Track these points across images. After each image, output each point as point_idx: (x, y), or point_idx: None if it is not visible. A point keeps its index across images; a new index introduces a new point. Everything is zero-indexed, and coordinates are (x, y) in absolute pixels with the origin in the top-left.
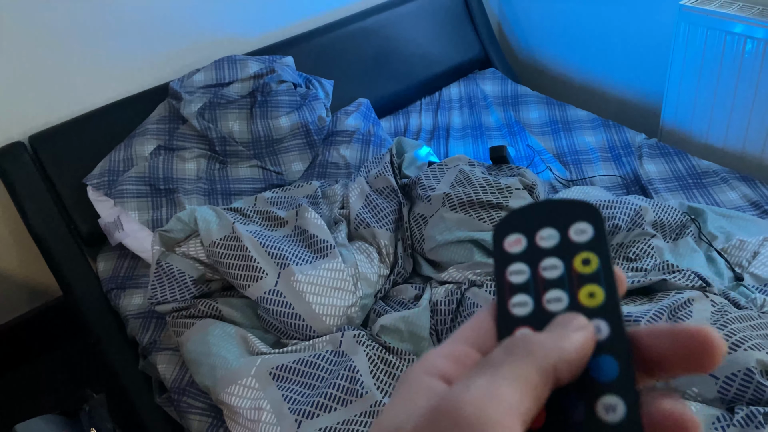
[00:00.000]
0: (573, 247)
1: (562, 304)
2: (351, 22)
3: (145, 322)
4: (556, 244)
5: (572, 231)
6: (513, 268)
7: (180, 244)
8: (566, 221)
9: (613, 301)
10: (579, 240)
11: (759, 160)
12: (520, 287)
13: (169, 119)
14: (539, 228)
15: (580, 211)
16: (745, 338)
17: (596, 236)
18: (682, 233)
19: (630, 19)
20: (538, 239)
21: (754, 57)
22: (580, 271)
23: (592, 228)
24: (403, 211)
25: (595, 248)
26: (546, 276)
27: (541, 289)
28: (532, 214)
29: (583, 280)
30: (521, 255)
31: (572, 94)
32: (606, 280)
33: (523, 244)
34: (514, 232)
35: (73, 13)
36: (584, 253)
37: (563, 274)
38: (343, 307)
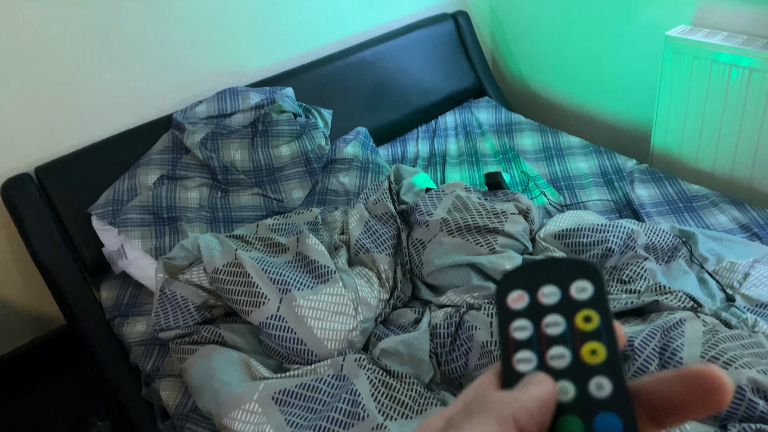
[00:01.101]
0: (574, 305)
1: (565, 361)
2: (349, 54)
3: (148, 350)
4: (557, 302)
5: (573, 289)
6: (516, 324)
7: (183, 271)
8: (567, 279)
9: (615, 358)
10: (580, 297)
11: (747, 183)
12: (524, 343)
13: (173, 149)
14: (541, 285)
15: (580, 270)
16: (736, 357)
17: (596, 294)
18: (674, 256)
19: (618, 48)
20: (540, 296)
21: (739, 84)
22: (582, 328)
23: (592, 286)
24: (401, 236)
25: (595, 306)
26: (549, 333)
27: (544, 345)
28: (533, 271)
29: (585, 337)
30: (524, 311)
31: (564, 121)
32: (607, 337)
33: (525, 300)
34: (517, 289)
35: (77, 45)
36: (585, 311)
37: (565, 331)
38: (344, 331)
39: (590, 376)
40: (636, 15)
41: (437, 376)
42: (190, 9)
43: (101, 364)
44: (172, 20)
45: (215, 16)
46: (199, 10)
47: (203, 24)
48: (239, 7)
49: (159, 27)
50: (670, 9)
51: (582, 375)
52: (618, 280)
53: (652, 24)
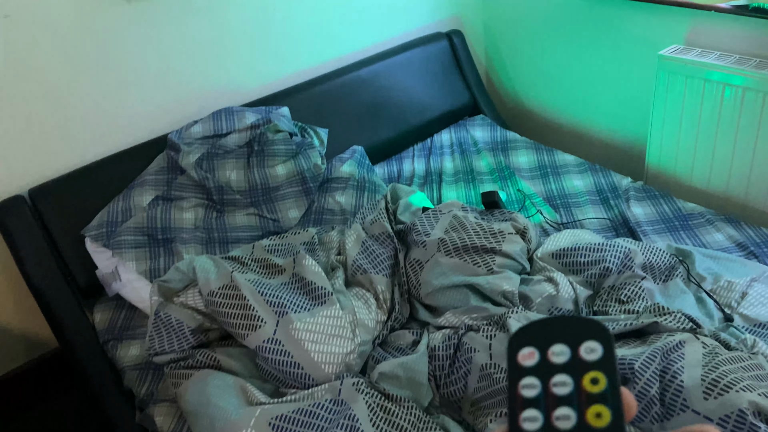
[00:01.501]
0: (583, 366)
1: (570, 423)
2: (345, 73)
3: (142, 374)
4: (567, 361)
5: (583, 349)
6: (525, 381)
7: (178, 294)
8: (577, 339)
9: (619, 423)
10: (589, 359)
11: (742, 201)
12: (531, 402)
13: (168, 170)
14: (552, 343)
15: (590, 330)
16: (737, 380)
17: (605, 356)
18: (671, 275)
19: (612, 67)
20: (551, 355)
21: (732, 103)
22: (589, 390)
23: (602, 347)
24: (399, 256)
25: (603, 368)
26: (556, 393)
27: (551, 405)
28: (545, 328)
29: (592, 399)
30: (534, 369)
31: (558, 138)
32: (613, 401)
33: (536, 358)
34: (528, 346)
35: (73, 67)
36: (593, 373)
37: (572, 392)
38: (342, 354)
39: None
40: (629, 34)
41: (436, 400)
42: (185, 28)
43: (94, 389)
44: (166, 40)
45: (210, 35)
46: (195, 30)
47: (198, 43)
48: (234, 27)
49: (154, 46)
50: (663, 28)
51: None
52: (616, 300)
53: (645, 43)
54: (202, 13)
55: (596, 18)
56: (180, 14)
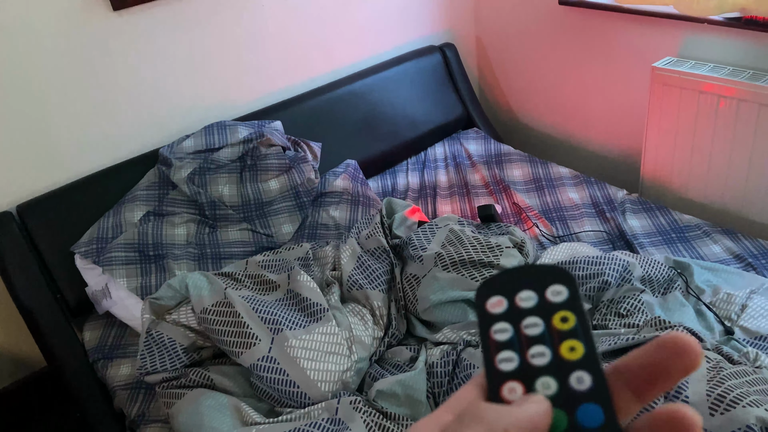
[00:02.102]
0: (551, 307)
1: (545, 359)
2: (338, 87)
3: (134, 394)
4: (535, 305)
5: (549, 293)
6: (497, 327)
7: (170, 311)
8: (542, 284)
9: (593, 354)
10: (556, 300)
11: (738, 212)
12: (505, 344)
13: (159, 185)
14: (518, 290)
15: (554, 275)
16: (743, 395)
17: (571, 297)
18: (669, 287)
19: (606, 79)
20: (518, 300)
21: (727, 114)
22: (560, 328)
23: (567, 289)
24: (395, 271)
25: (571, 307)
26: (528, 333)
27: (524, 345)
28: (510, 278)
29: (563, 335)
30: (503, 315)
31: (552, 151)
32: (584, 335)
33: (504, 305)
34: (495, 295)
35: (61, 81)
36: (562, 312)
37: (544, 331)
38: (338, 372)
39: (570, 371)
40: (622, 46)
41: None
42: (176, 41)
43: (84, 409)
44: (158, 53)
45: (202, 48)
46: (186, 43)
47: (190, 57)
48: (227, 40)
49: (144, 60)
50: (657, 41)
51: (562, 371)
52: (615, 313)
53: (639, 55)
54: (193, 26)
55: (590, 31)
56: (172, 27)
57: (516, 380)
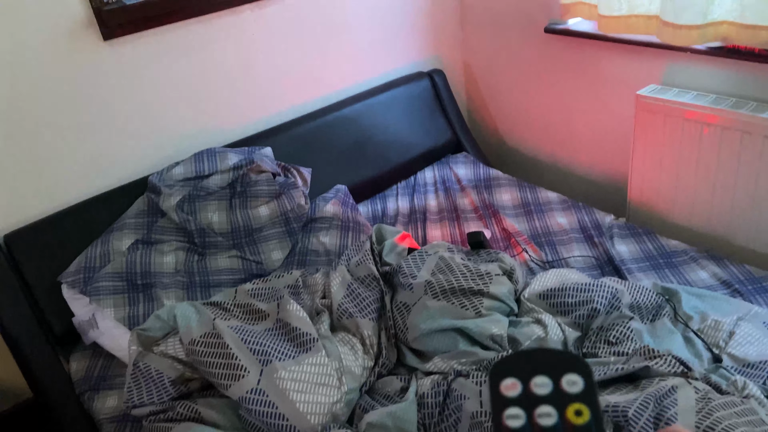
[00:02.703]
0: (566, 398)
1: None
2: (327, 113)
3: (120, 427)
4: (549, 393)
5: (564, 382)
6: (510, 412)
7: (158, 342)
8: (558, 371)
9: None
10: (571, 391)
11: (724, 238)
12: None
13: (148, 213)
14: (533, 375)
15: (570, 363)
16: (731, 426)
17: (586, 388)
18: (658, 314)
19: (592, 105)
20: (533, 386)
21: (711, 142)
22: (573, 422)
23: (583, 381)
24: (385, 299)
25: (586, 400)
26: (541, 423)
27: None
28: (525, 361)
29: (577, 431)
30: (517, 399)
31: (540, 176)
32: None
33: (518, 389)
34: (510, 377)
35: (50, 110)
36: (576, 404)
37: (557, 424)
38: (328, 404)
39: None
40: (608, 74)
41: None
42: (166, 69)
43: None
44: (147, 81)
45: (192, 76)
46: (176, 71)
47: (179, 84)
48: (216, 67)
49: (133, 87)
50: (641, 69)
51: None
52: (605, 341)
53: (623, 83)
54: (183, 55)
55: (575, 58)
56: (161, 56)
57: None
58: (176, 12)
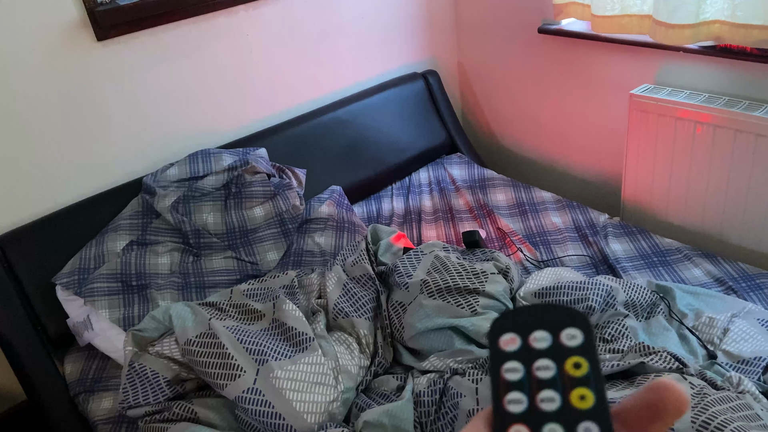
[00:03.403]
0: (565, 351)
1: (554, 404)
2: (322, 114)
3: (116, 428)
4: (548, 347)
5: (563, 335)
6: (508, 365)
7: (153, 343)
8: (557, 326)
9: (603, 405)
10: (570, 344)
11: (718, 236)
12: (515, 385)
13: (142, 214)
14: (533, 330)
15: (570, 317)
16: (727, 421)
17: (586, 342)
18: (653, 312)
19: (586, 106)
20: (532, 340)
21: (704, 140)
22: (572, 374)
23: (582, 334)
24: (381, 298)
25: (585, 353)
26: (540, 376)
27: (535, 388)
28: (525, 316)
29: (575, 382)
30: (516, 354)
31: (534, 176)
32: (596, 384)
33: (517, 343)
34: (509, 332)
35: (44, 111)
36: (575, 357)
37: (556, 376)
38: (325, 403)
39: (579, 421)
40: (601, 74)
41: None
42: (159, 70)
43: None
44: (141, 81)
45: (186, 76)
46: (170, 72)
47: (173, 85)
48: (210, 68)
49: (127, 88)
50: (634, 68)
51: (571, 419)
52: (600, 339)
53: (616, 83)
54: (178, 56)
55: (569, 58)
56: (156, 56)
57: (523, 424)
58: (170, 12)
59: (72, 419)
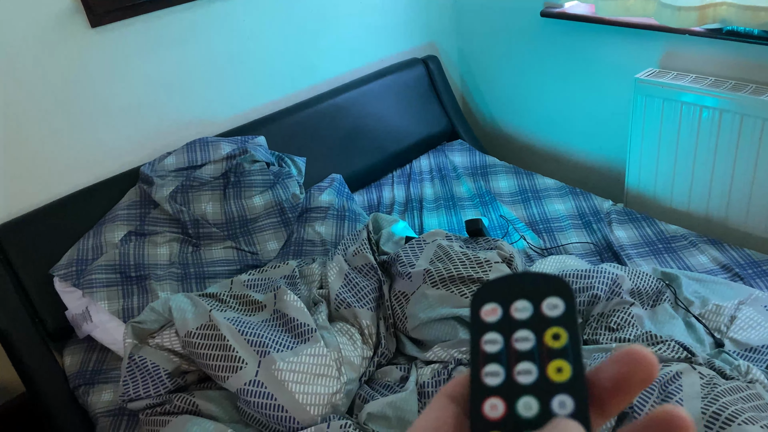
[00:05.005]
0: (545, 321)
1: (531, 377)
2: (321, 101)
3: (116, 421)
4: (529, 317)
5: (545, 305)
6: (488, 337)
7: (153, 335)
8: (540, 295)
9: (579, 378)
10: (551, 315)
11: (723, 222)
12: (494, 357)
13: (140, 204)
14: (515, 299)
15: (553, 286)
16: (738, 412)
17: (567, 312)
18: (658, 300)
19: (589, 91)
20: (513, 310)
21: (710, 125)
22: (550, 345)
23: (564, 303)
24: (383, 288)
25: (565, 324)
26: (518, 348)
27: (512, 360)
28: (508, 284)
29: (553, 354)
30: (496, 324)
31: (537, 162)
32: (573, 356)
33: (498, 313)
34: (491, 302)
35: (38, 99)
36: (555, 328)
37: (534, 347)
38: (328, 394)
39: (554, 394)
40: (604, 58)
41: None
42: (156, 58)
43: None
44: (136, 70)
45: (183, 64)
46: (166, 59)
47: (170, 73)
48: (207, 56)
49: (123, 77)
50: (638, 52)
51: (546, 392)
52: (606, 327)
53: (620, 67)
54: (174, 42)
55: (572, 42)
56: (151, 43)
57: (499, 397)
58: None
59: (71, 412)
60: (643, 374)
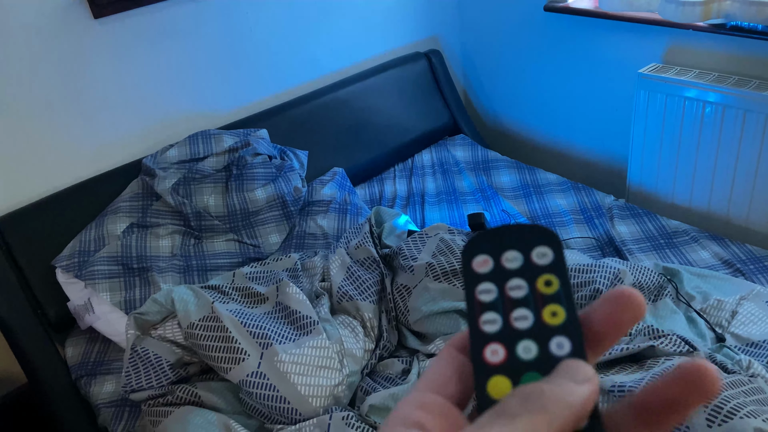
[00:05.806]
0: (536, 269)
1: (528, 322)
2: (324, 94)
3: (118, 411)
4: (520, 266)
5: (534, 254)
6: (482, 287)
7: (156, 326)
8: (529, 245)
9: (574, 320)
10: (541, 263)
11: (725, 218)
12: (490, 305)
13: (143, 196)
14: (504, 250)
15: (540, 236)
16: (740, 405)
17: (556, 260)
18: (660, 294)
19: (592, 85)
20: (504, 261)
21: (712, 120)
22: (543, 291)
23: (552, 252)
24: (385, 281)
25: (555, 271)
26: (512, 296)
27: (508, 307)
28: (498, 237)
29: (546, 299)
30: (489, 275)
31: (539, 157)
32: (566, 300)
33: (490, 264)
34: (482, 254)
35: (41, 90)
36: (546, 276)
37: (528, 294)
38: (330, 386)
39: (551, 336)
40: (607, 53)
41: None
42: (158, 50)
43: (66, 428)
44: (139, 61)
45: (185, 56)
46: (169, 51)
47: (173, 65)
48: (210, 48)
49: (126, 68)
50: (641, 47)
51: (544, 335)
52: None
53: (623, 62)
54: (177, 34)
55: (575, 37)
56: (154, 35)
57: (498, 342)
58: None
59: (73, 402)
60: (632, 313)
